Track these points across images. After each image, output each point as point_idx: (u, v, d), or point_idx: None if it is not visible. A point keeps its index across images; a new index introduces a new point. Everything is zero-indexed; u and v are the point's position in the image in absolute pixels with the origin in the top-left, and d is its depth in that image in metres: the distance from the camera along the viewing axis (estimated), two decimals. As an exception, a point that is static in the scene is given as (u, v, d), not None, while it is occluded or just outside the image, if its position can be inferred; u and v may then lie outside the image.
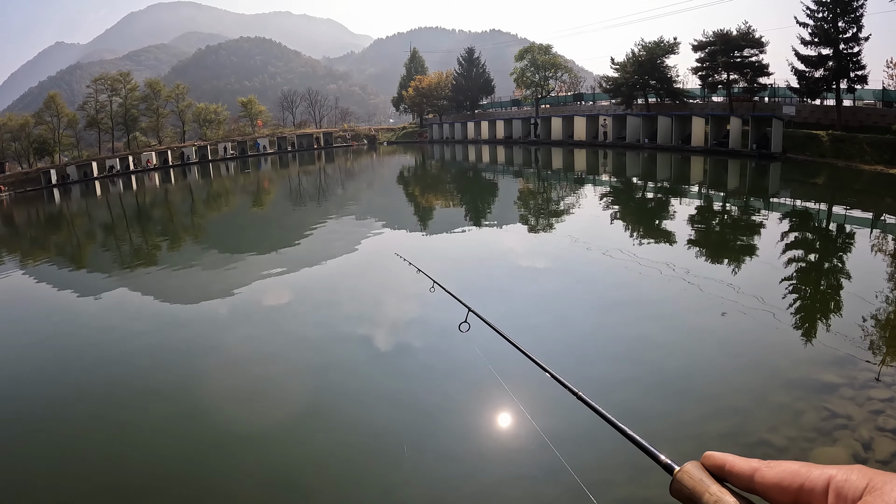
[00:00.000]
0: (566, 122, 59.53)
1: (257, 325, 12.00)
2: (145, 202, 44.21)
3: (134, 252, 23.14)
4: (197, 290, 15.47)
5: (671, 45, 53.87)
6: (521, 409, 7.38)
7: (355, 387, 8.78)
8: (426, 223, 24.38)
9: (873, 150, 32.91)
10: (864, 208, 22.79)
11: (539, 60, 73.52)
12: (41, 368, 10.72)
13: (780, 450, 6.38)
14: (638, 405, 7.58)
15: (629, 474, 6.03)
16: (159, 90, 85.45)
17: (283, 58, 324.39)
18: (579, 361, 9.11)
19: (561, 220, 22.94)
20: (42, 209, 46.97)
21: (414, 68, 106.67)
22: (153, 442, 7.63)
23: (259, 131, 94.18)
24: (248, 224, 29.54)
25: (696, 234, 18.49)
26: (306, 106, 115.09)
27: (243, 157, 79.82)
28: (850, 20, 37.17)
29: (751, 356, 9.08)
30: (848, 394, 7.44)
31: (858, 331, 9.53)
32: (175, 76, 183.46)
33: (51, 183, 61.34)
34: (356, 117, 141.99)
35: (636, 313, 11.34)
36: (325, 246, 19.54)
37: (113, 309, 14.53)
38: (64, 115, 77.64)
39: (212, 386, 9.15)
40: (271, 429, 7.74)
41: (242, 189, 48.48)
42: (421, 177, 47.93)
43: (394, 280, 13.62)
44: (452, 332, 3.17)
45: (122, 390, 9.26)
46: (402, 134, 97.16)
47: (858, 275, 13.32)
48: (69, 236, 30.84)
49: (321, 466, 6.97)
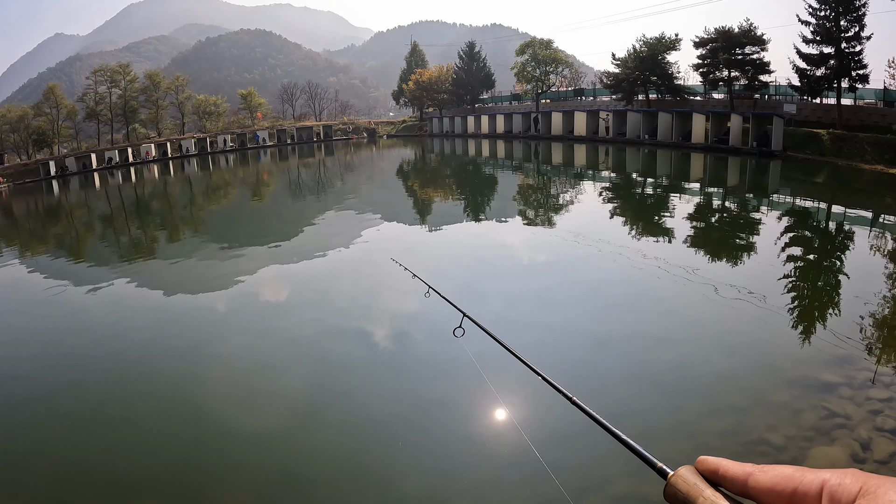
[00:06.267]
0: (566, 117, 59.42)
1: (254, 323, 11.98)
2: (144, 194, 44.10)
3: (132, 244, 23.09)
4: (195, 284, 15.45)
5: (673, 41, 53.77)
6: (511, 414, 7.40)
7: (351, 387, 8.77)
8: (425, 218, 24.33)
9: (874, 150, 32.89)
10: (863, 207, 22.80)
11: (540, 55, 73.38)
12: (39, 362, 10.72)
13: (778, 449, 6.38)
14: (635, 404, 7.57)
15: (623, 479, 6.03)
16: (159, 82, 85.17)
17: (283, 50, 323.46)
18: (575, 361, 9.10)
19: (560, 216, 22.93)
20: (41, 201, 46.88)
21: (414, 62, 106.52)
22: (150, 436, 7.64)
23: (259, 124, 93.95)
24: (247, 217, 29.48)
25: (695, 232, 18.47)
26: (306, 99, 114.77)
27: (243, 149, 79.66)
28: (853, 19, 37.09)
29: (749, 355, 9.08)
30: (846, 393, 7.45)
31: (857, 330, 9.54)
32: (175, 68, 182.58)
33: (50, 174, 61.20)
34: (356, 110, 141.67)
35: (634, 312, 11.34)
36: (324, 242, 19.45)
37: (110, 302, 14.50)
38: (63, 107, 77.42)
39: (209, 382, 9.16)
40: (268, 424, 7.74)
41: (242, 181, 48.38)
42: (420, 170, 47.83)
43: (391, 282, 13.49)
44: (447, 336, 3.14)
45: (118, 386, 9.26)
46: (402, 127, 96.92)
47: (857, 274, 13.33)
48: (68, 228, 30.77)
49: (317, 462, 6.98)
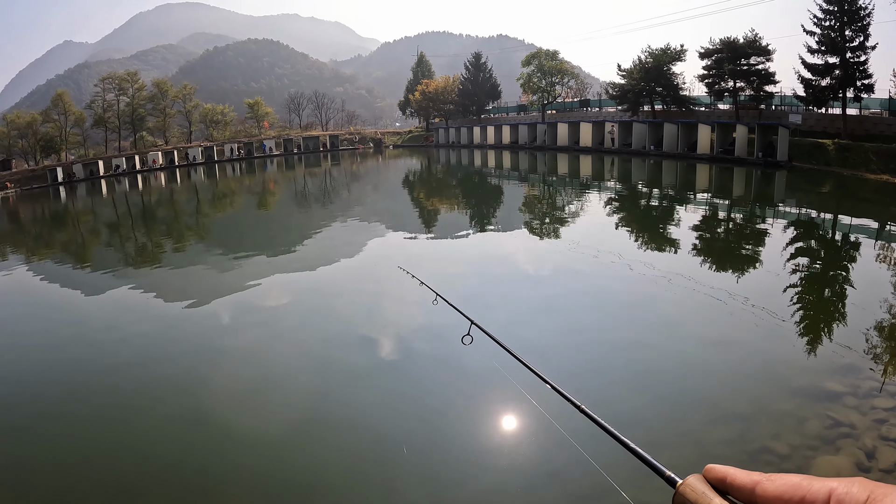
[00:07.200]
0: (572, 128, 59.56)
1: (259, 329, 11.98)
2: (151, 201, 44.36)
3: (138, 251, 23.18)
4: (200, 292, 15.46)
5: (678, 52, 53.95)
6: (518, 421, 7.39)
7: (357, 394, 8.74)
8: (431, 227, 24.38)
9: (879, 160, 32.84)
10: (869, 217, 22.74)
11: (546, 66, 73.71)
12: (44, 366, 10.76)
13: (783, 457, 6.36)
14: (641, 412, 7.55)
15: (631, 487, 6.00)
16: (166, 90, 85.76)
17: (290, 60, 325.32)
18: (582, 369, 9.10)
19: (565, 226, 22.95)
20: (48, 206, 47.16)
21: (421, 72, 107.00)
22: (155, 443, 7.64)
23: (265, 133, 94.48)
24: (253, 225, 29.62)
25: (701, 242, 18.44)
26: (313, 108, 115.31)
27: (249, 158, 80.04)
28: (857, 29, 37.18)
29: (754, 364, 9.05)
30: (851, 402, 7.42)
31: (862, 340, 9.50)
32: (182, 76, 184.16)
33: (57, 181, 61.67)
34: (362, 120, 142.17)
35: (640, 321, 11.32)
36: (330, 251, 19.50)
37: (115, 308, 14.54)
38: (71, 114, 77.99)
39: (214, 389, 9.16)
40: (272, 431, 7.74)
41: (248, 190, 48.59)
42: (426, 180, 47.92)
43: (398, 290, 13.43)
44: (455, 343, 3.17)
45: (122, 391, 9.26)
46: (408, 137, 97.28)
47: (863, 284, 13.28)
48: (74, 234, 30.93)
49: (322, 469, 6.97)
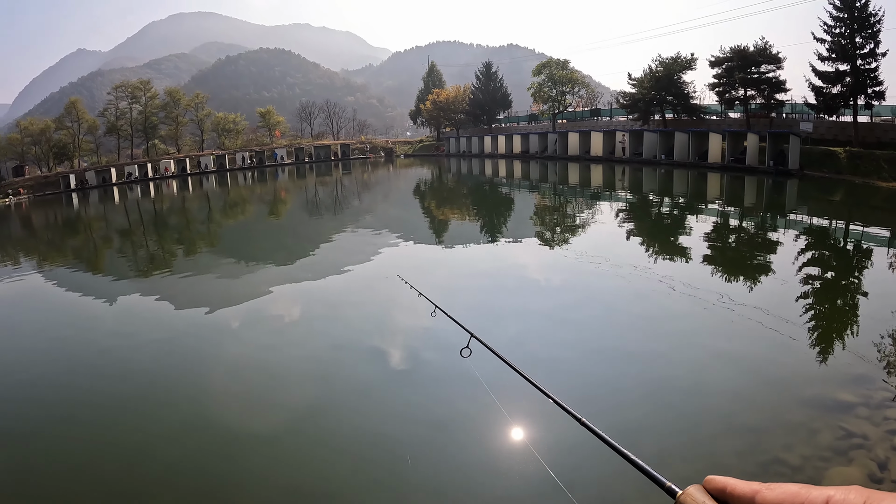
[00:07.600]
0: (583, 137, 59.59)
1: (264, 338, 12.00)
2: (162, 209, 44.72)
3: (149, 258, 23.35)
4: (210, 299, 15.55)
5: (688, 60, 53.89)
6: (520, 433, 7.35)
7: (359, 403, 8.72)
8: (440, 237, 24.39)
9: (891, 167, 32.62)
10: (881, 225, 22.56)
11: (556, 75, 73.84)
12: (55, 371, 10.85)
13: (794, 469, 6.30)
14: (651, 423, 7.51)
15: (634, 498, 5.97)
16: (179, 99, 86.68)
17: (301, 69, 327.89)
18: (589, 380, 9.07)
19: (575, 236, 22.88)
20: (60, 213, 47.72)
21: (432, 82, 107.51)
22: (162, 446, 7.69)
23: (277, 142, 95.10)
24: (264, 234, 29.80)
25: (712, 251, 18.35)
26: (324, 117, 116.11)
27: (261, 166, 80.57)
28: (868, 35, 37.03)
29: (765, 374, 8.98)
30: (864, 413, 7.35)
31: (875, 350, 9.41)
32: (194, 85, 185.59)
33: (69, 187, 62.35)
34: (373, 129, 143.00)
35: (649, 331, 11.25)
36: (339, 260, 19.52)
37: (125, 314, 14.71)
38: (84, 121, 78.96)
39: (220, 395, 9.19)
40: (277, 438, 7.75)
41: (259, 198, 48.88)
42: (437, 190, 47.99)
43: (403, 300, 13.28)
44: (456, 355, 3.16)
45: (130, 396, 9.33)
46: (419, 147, 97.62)
47: (876, 293, 13.16)
48: (86, 241, 31.23)
49: (325, 477, 6.97)
